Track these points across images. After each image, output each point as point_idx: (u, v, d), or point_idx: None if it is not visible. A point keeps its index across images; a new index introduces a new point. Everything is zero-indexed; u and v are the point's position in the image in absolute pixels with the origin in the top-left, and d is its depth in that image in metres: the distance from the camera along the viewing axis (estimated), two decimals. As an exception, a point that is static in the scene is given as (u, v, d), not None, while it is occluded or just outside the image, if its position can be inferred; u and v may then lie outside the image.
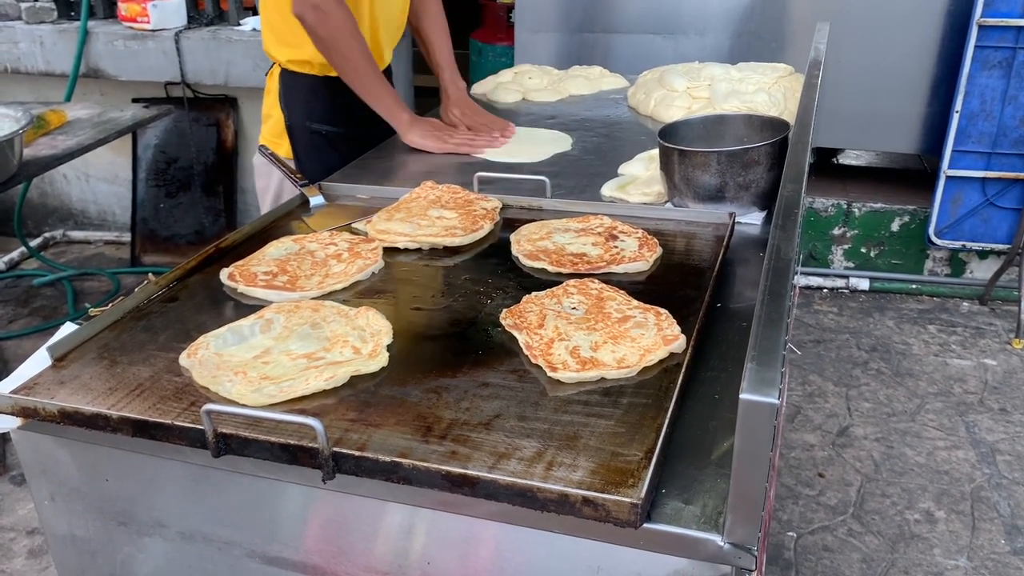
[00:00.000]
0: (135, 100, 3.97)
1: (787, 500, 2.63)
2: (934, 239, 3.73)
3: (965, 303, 3.82)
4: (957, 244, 3.73)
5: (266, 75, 2.21)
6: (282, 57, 2.11)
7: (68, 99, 3.84)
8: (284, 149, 2.14)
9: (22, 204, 4.29)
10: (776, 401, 0.76)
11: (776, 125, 1.70)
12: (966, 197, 3.64)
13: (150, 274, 1.41)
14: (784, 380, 1.32)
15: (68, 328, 1.23)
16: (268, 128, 2.18)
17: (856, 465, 2.79)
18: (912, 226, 3.85)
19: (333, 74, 2.08)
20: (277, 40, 2.11)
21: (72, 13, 4.02)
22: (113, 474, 1.14)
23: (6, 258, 4.33)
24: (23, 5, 3.94)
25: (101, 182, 4.58)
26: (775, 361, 0.81)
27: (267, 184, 2.20)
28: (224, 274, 1.41)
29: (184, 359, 1.16)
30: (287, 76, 2.12)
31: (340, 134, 2.15)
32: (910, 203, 3.86)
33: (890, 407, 3.09)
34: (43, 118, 2.84)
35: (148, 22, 3.78)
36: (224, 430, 1.00)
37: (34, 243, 4.47)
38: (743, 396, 0.77)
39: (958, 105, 3.49)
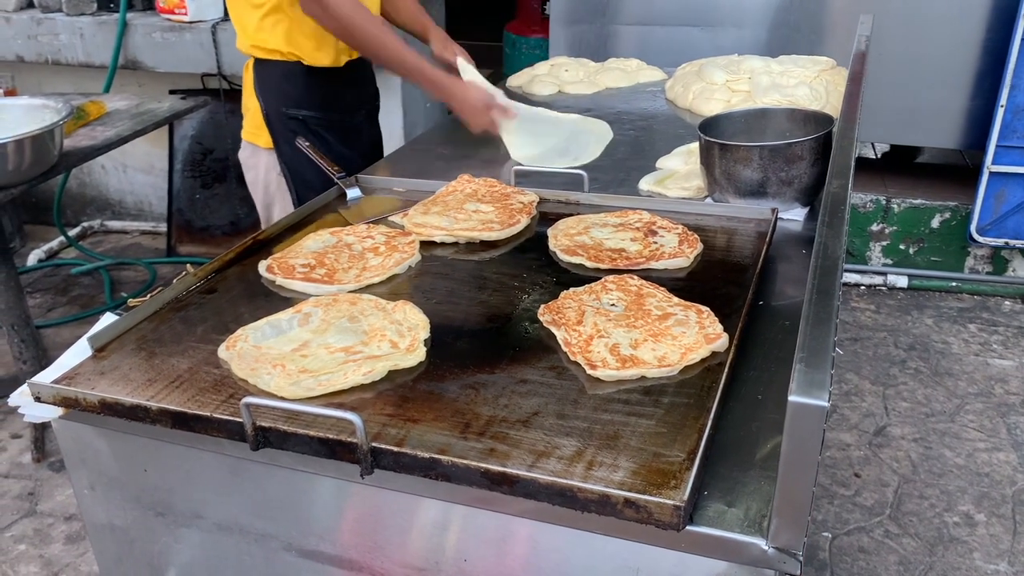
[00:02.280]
0: (172, 91, 4.00)
1: (822, 500, 2.59)
2: (976, 236, 3.65)
3: (1007, 302, 3.74)
4: (999, 241, 3.65)
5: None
6: (248, 45, 2.08)
7: (107, 90, 3.88)
8: (264, 139, 2.12)
9: (61, 194, 4.35)
10: (826, 404, 0.74)
11: (819, 119, 1.67)
12: (1010, 193, 3.56)
13: (188, 265, 1.42)
14: (833, 380, 1.29)
15: (108, 319, 1.24)
16: (248, 120, 2.17)
17: (893, 466, 2.74)
18: (953, 223, 3.78)
19: (303, 60, 2.06)
20: (244, 34, 2.08)
21: (111, 5, 4.06)
22: (152, 465, 1.15)
23: (45, 247, 4.39)
24: (64, -3, 3.99)
25: (138, 173, 4.63)
26: (824, 362, 0.79)
27: (255, 177, 2.19)
28: (262, 266, 1.42)
29: (223, 351, 1.16)
30: (259, 66, 2.09)
31: (316, 119, 2.12)
32: (951, 199, 3.79)
33: (929, 407, 3.03)
34: (82, 109, 2.87)
35: (186, 14, 3.80)
36: (263, 423, 1.00)
37: (73, 233, 4.53)
38: (792, 398, 0.75)
39: (1003, 99, 3.41)
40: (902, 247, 3.88)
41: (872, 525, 2.49)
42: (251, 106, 2.13)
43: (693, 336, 1.14)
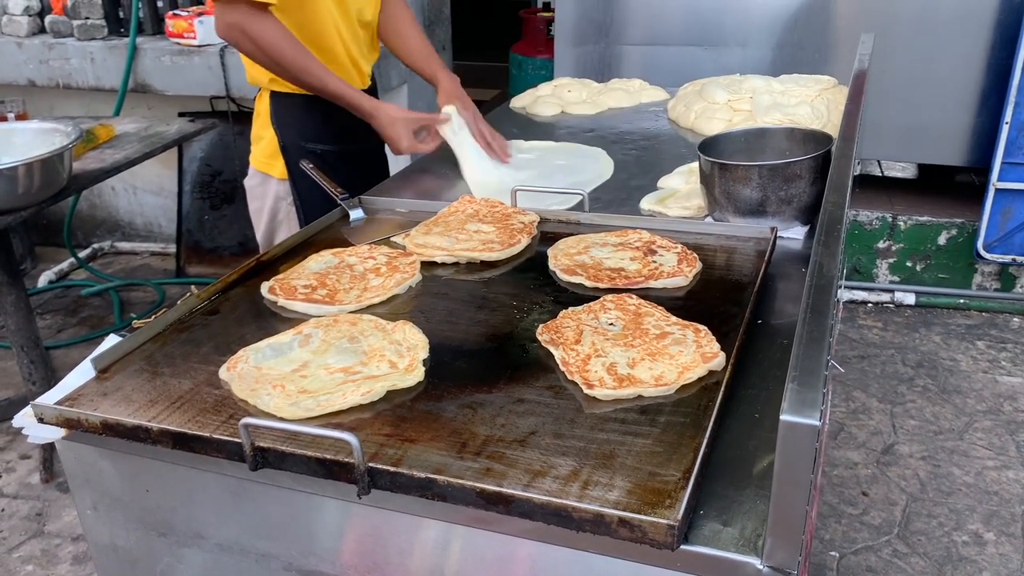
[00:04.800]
0: (181, 114, 4.05)
1: (830, 519, 2.57)
2: (983, 253, 3.65)
3: (1015, 319, 3.73)
4: (1007, 258, 3.65)
5: (254, 99, 2.19)
6: (266, 80, 2.08)
7: (117, 113, 3.93)
8: (278, 170, 2.12)
9: (72, 216, 4.39)
10: (817, 423, 0.75)
11: (819, 138, 1.68)
12: (1016, 210, 3.56)
13: (193, 286, 1.43)
14: (827, 399, 1.29)
15: (112, 340, 1.25)
16: (260, 149, 2.16)
17: (901, 484, 2.72)
18: (960, 240, 3.77)
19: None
20: (259, 69, 2.06)
21: (122, 30, 4.12)
22: (154, 485, 1.16)
23: (56, 269, 4.43)
24: (75, 22, 4.04)
25: (148, 194, 4.67)
26: (817, 381, 0.79)
27: (261, 206, 2.19)
28: (264, 287, 1.43)
29: (224, 372, 1.17)
30: (276, 98, 2.09)
31: (334, 151, 2.12)
32: (957, 216, 3.78)
33: (937, 425, 3.01)
34: (92, 132, 2.91)
35: (194, 38, 3.85)
36: (262, 444, 1.01)
37: (83, 254, 4.57)
38: (783, 417, 0.75)
39: (1008, 116, 3.41)
40: (909, 264, 3.88)
41: (880, 544, 2.48)
42: (265, 136, 2.13)
43: (690, 355, 1.15)
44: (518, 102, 2.74)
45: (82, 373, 1.20)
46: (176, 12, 3.93)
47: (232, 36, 1.91)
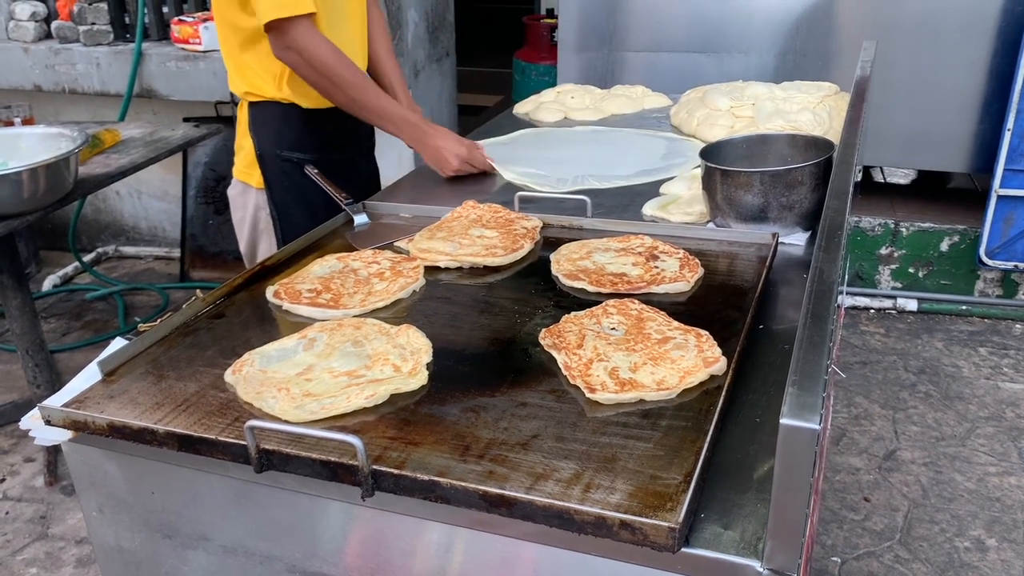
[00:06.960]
0: (186, 119, 4.07)
1: (831, 524, 2.58)
2: (985, 260, 3.65)
3: (1018, 325, 3.73)
4: (1009, 265, 3.65)
5: (236, 108, 2.19)
6: (242, 90, 2.08)
7: (122, 118, 3.95)
8: (256, 179, 2.11)
9: (76, 220, 4.41)
10: (817, 427, 0.75)
11: (820, 145, 1.69)
12: (1018, 217, 3.56)
13: (198, 290, 1.44)
14: (827, 403, 1.30)
15: (118, 343, 1.26)
16: (240, 159, 2.16)
17: (903, 490, 2.72)
18: (962, 246, 3.77)
19: (299, 103, 2.05)
20: (239, 77, 2.07)
21: (127, 35, 4.14)
22: (159, 487, 1.16)
23: (60, 273, 4.45)
24: (81, 28, 4.07)
25: (152, 199, 4.69)
26: (816, 386, 0.80)
27: (243, 216, 2.19)
28: (270, 292, 1.44)
29: (229, 375, 1.18)
30: (254, 107, 2.08)
31: (311, 160, 2.08)
32: (960, 223, 3.79)
33: (939, 431, 3.02)
34: (98, 137, 2.92)
35: (199, 43, 3.87)
36: (267, 446, 1.01)
37: (87, 258, 4.59)
38: (783, 421, 0.76)
39: (1010, 123, 3.42)
40: (911, 270, 3.88)
41: (882, 550, 2.48)
42: (245, 145, 2.13)
43: (692, 360, 1.16)
44: (521, 108, 2.75)
45: (88, 376, 1.21)
46: (181, 18, 3.96)
47: (289, 59, 1.91)
